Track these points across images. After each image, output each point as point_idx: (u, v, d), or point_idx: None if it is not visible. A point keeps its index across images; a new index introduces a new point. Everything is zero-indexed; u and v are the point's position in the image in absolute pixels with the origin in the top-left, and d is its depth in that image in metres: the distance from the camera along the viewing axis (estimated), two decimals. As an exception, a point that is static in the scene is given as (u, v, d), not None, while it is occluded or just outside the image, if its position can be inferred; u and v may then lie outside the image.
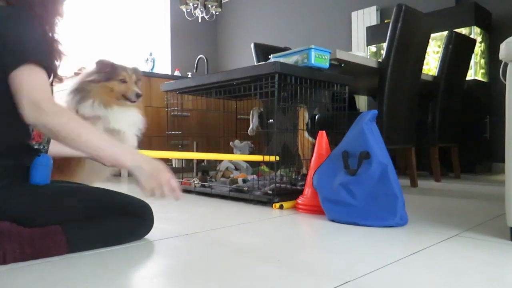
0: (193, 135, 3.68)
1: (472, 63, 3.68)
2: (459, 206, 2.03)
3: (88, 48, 5.37)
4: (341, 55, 2.39)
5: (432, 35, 3.03)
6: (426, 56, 2.94)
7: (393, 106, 2.61)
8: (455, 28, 3.58)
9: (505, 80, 1.32)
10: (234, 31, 6.58)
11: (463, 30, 3.75)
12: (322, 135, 1.94)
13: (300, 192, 2.01)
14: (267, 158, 2.18)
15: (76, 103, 1.69)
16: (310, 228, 1.58)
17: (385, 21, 4.48)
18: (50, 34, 1.22)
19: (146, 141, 2.99)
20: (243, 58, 6.29)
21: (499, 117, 3.63)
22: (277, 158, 2.15)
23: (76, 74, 1.94)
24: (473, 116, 3.72)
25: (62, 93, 1.70)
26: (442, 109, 3.17)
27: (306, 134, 2.56)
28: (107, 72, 1.74)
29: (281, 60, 2.23)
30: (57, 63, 1.23)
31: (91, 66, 1.78)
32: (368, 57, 3.76)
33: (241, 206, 2.07)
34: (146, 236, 1.34)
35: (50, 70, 1.13)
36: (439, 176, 3.19)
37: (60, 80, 1.24)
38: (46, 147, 1.45)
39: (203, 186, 2.49)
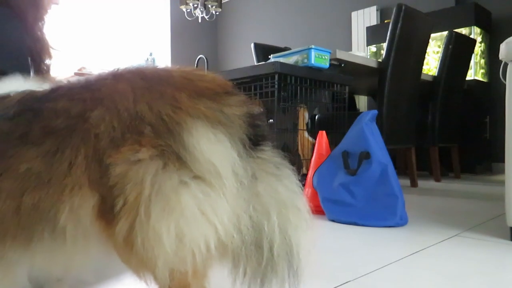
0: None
1: (472, 63, 3.68)
2: (459, 206, 2.03)
3: (88, 48, 5.37)
4: (341, 55, 2.39)
5: (432, 35, 3.03)
6: (426, 56, 2.94)
7: (393, 106, 2.61)
8: (455, 28, 3.58)
9: (505, 80, 1.32)
10: (234, 31, 6.58)
11: (463, 30, 3.75)
12: (322, 135, 1.94)
13: (300, 192, 2.00)
14: None
15: None
16: (310, 228, 1.58)
17: (385, 21, 4.48)
18: (38, 33, 1.20)
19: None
20: (243, 58, 6.29)
21: (499, 117, 3.63)
22: None
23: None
24: (473, 116, 3.71)
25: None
26: (442, 109, 3.17)
27: (306, 134, 2.55)
28: None
29: (281, 60, 2.23)
30: (47, 61, 1.21)
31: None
32: (368, 57, 3.76)
33: (241, 206, 2.06)
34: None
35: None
36: (439, 176, 3.19)
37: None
38: None
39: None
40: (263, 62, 2.36)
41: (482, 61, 3.91)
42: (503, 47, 1.31)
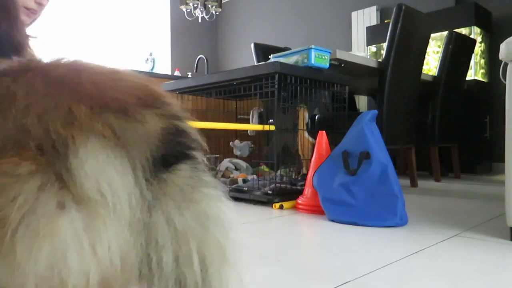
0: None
1: (472, 63, 3.68)
2: (459, 206, 2.03)
3: (88, 48, 5.37)
4: (341, 55, 2.39)
5: (432, 35, 3.03)
6: (426, 56, 2.95)
7: (393, 106, 2.61)
8: (455, 28, 3.58)
9: (505, 80, 1.32)
10: (234, 31, 6.58)
11: (463, 30, 3.75)
12: (322, 135, 1.94)
13: (300, 192, 2.01)
14: (267, 127, 2.23)
15: None
16: (310, 228, 1.58)
17: (385, 21, 4.48)
18: (11, 30, 1.17)
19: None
20: (243, 58, 6.29)
21: (499, 117, 3.63)
22: (272, 127, 2.19)
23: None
24: (473, 116, 3.72)
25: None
26: (442, 109, 3.17)
27: (306, 134, 2.56)
28: None
29: (281, 60, 2.23)
30: (29, 50, 1.20)
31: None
32: (368, 57, 3.76)
33: (241, 206, 2.07)
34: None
35: None
36: (439, 176, 3.19)
37: None
38: None
39: (203, 186, 2.48)
40: (263, 62, 2.37)
41: (482, 61, 3.91)
42: (503, 47, 1.31)
